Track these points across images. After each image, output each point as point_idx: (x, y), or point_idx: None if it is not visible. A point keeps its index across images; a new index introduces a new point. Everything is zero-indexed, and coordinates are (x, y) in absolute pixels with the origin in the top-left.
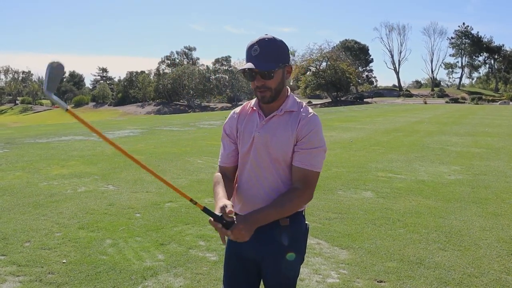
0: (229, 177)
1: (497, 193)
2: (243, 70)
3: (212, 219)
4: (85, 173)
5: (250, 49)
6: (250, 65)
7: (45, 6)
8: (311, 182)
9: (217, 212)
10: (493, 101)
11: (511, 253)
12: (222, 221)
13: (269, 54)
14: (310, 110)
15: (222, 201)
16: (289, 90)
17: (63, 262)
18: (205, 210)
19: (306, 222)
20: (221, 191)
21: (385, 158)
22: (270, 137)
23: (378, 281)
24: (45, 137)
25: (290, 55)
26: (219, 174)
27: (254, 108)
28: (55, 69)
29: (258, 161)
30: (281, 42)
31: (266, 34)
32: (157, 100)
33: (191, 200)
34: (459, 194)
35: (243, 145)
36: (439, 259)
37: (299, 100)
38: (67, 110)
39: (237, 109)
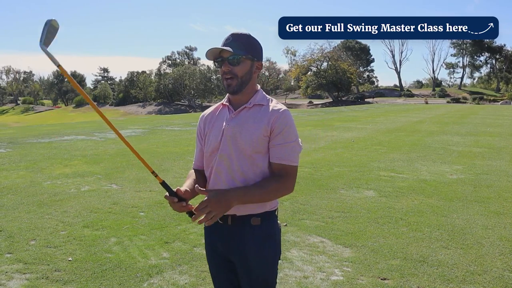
0: (204, 174)
1: (499, 192)
2: (211, 51)
3: (167, 194)
4: (88, 172)
5: (224, 39)
6: (217, 48)
7: (46, 6)
8: (290, 176)
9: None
10: (494, 101)
11: None
12: (176, 197)
13: (240, 44)
14: (281, 105)
15: (183, 186)
16: (258, 86)
17: (69, 260)
18: (163, 184)
19: (278, 221)
20: (188, 180)
21: (387, 157)
22: (239, 129)
23: (381, 279)
24: (47, 137)
25: (291, 55)
26: (193, 170)
27: (224, 103)
28: (52, 26)
29: (228, 153)
30: (256, 40)
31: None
32: (158, 100)
33: (152, 172)
34: (461, 193)
35: (214, 139)
36: (442, 257)
37: (268, 96)
38: (58, 66)
39: (207, 110)
